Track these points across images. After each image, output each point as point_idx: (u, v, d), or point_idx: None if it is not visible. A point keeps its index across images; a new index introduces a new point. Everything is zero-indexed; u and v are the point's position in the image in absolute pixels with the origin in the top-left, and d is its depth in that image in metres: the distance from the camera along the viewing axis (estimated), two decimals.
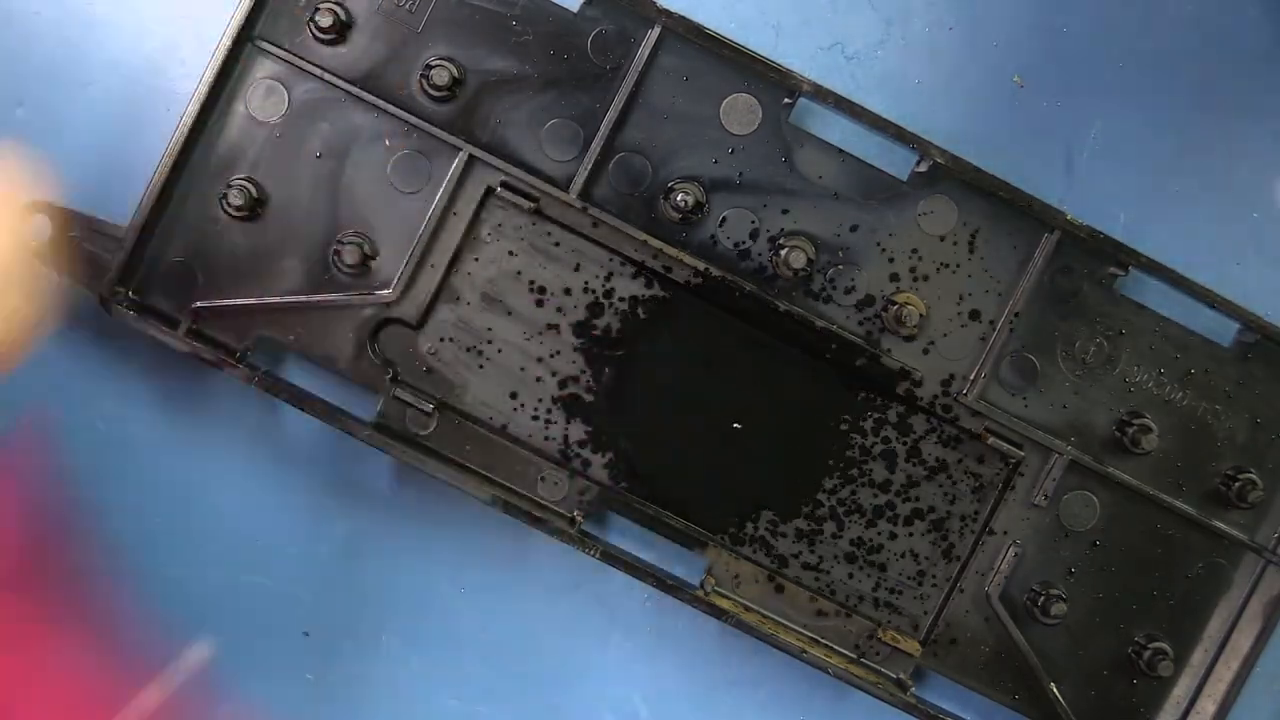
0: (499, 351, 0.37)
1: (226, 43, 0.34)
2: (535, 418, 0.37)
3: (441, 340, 0.36)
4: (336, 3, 0.35)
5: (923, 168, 0.36)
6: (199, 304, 0.35)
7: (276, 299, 0.35)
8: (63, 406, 0.38)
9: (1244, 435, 0.38)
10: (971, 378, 0.37)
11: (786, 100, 0.36)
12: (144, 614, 0.39)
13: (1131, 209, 0.37)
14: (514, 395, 0.37)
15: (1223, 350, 0.38)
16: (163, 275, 0.35)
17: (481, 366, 0.36)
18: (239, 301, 0.35)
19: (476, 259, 0.36)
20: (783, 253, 0.36)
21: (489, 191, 0.36)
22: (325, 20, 0.34)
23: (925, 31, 0.37)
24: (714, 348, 0.37)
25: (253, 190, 0.35)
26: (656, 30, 0.35)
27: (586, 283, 0.36)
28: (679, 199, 0.35)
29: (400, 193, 0.35)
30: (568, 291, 0.36)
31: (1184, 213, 0.40)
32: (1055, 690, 0.38)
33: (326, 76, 0.35)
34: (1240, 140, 0.40)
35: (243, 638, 0.39)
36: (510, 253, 0.36)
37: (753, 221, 0.36)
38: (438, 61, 0.35)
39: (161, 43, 0.37)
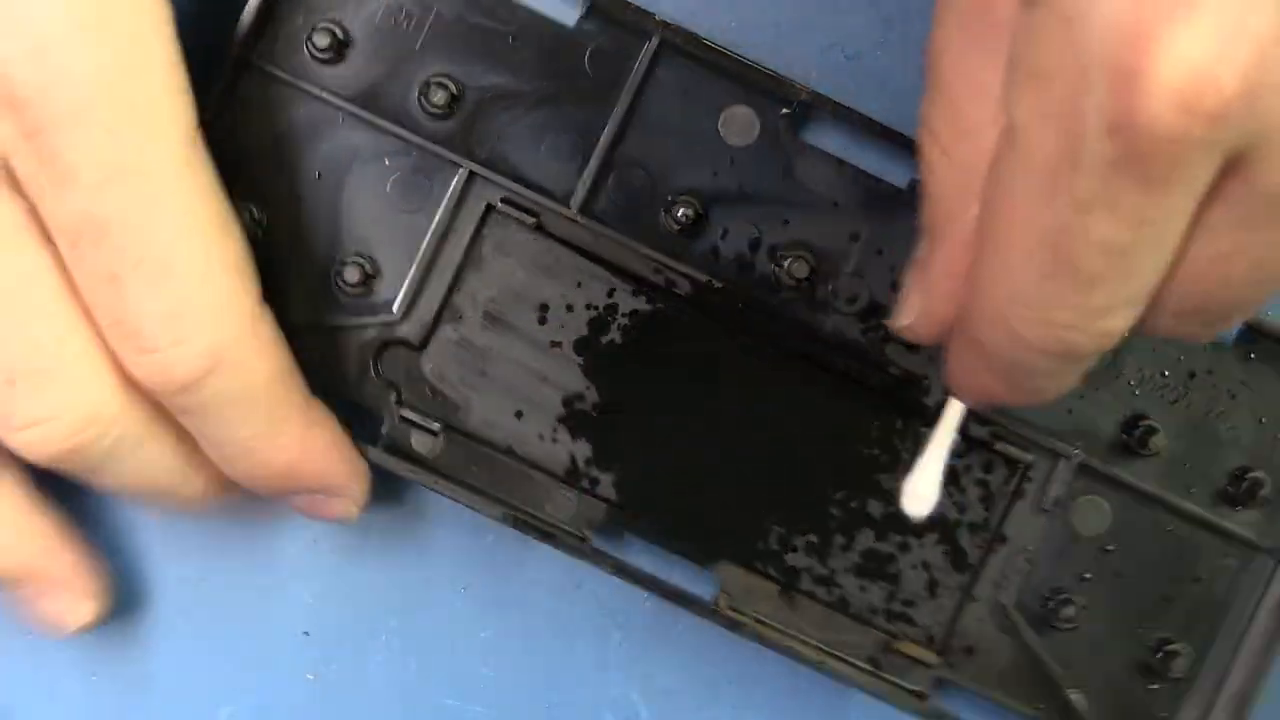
0: (502, 370, 0.36)
1: (226, 66, 0.34)
2: (541, 436, 0.36)
3: (445, 360, 0.36)
4: (334, 22, 0.34)
5: None
6: None
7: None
8: None
9: (1250, 436, 0.38)
10: None
11: (785, 111, 0.36)
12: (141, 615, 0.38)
13: None
14: (519, 415, 0.36)
15: (1225, 351, 0.38)
16: None
17: (485, 386, 0.36)
18: None
19: (478, 277, 0.36)
20: (785, 264, 0.36)
21: (489, 208, 0.35)
22: (323, 40, 0.34)
23: (925, 31, 0.38)
24: (717, 361, 0.37)
25: (254, 211, 0.34)
26: (654, 43, 0.35)
27: (589, 299, 0.36)
28: (679, 213, 0.35)
29: (401, 211, 0.35)
30: (570, 308, 0.36)
31: None
32: (1073, 697, 0.37)
33: (325, 96, 0.35)
34: None
35: (242, 637, 0.38)
36: (511, 270, 0.36)
37: (754, 233, 0.36)
38: (436, 79, 0.35)
39: None
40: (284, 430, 0.31)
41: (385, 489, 0.38)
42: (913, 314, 0.29)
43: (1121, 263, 0.22)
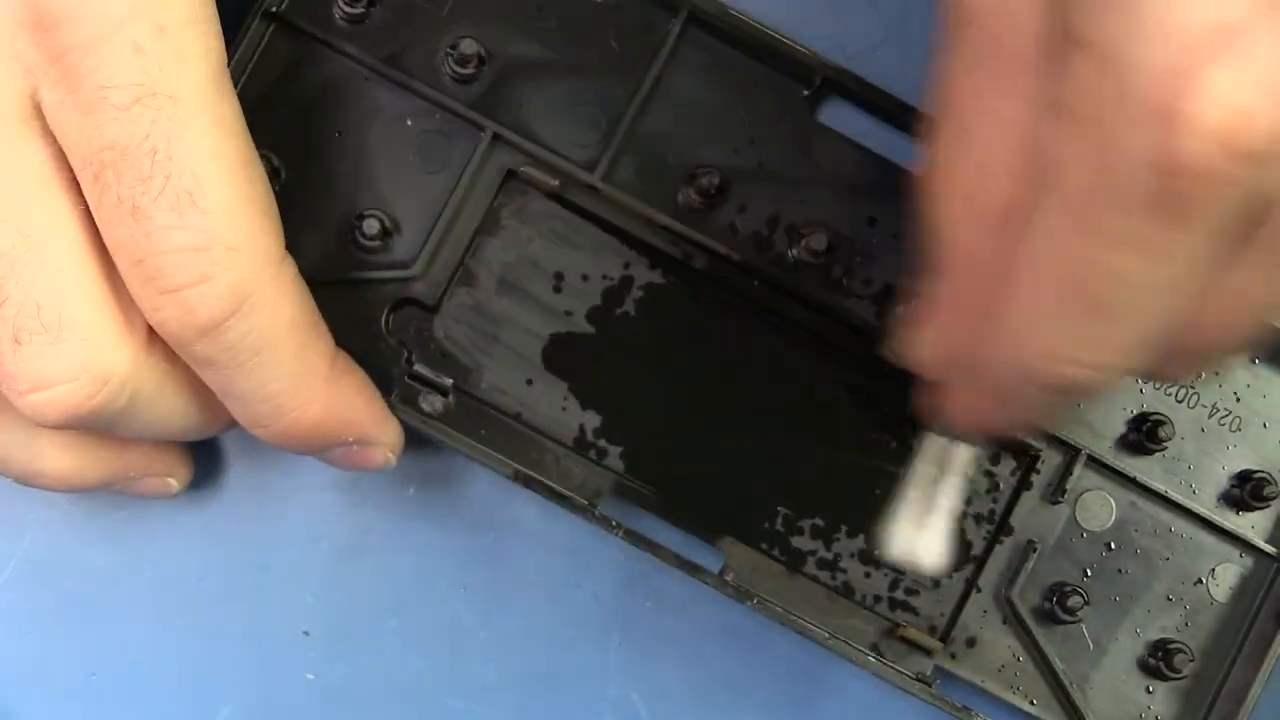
0: (515, 337, 0.36)
1: (253, 18, 0.34)
2: (551, 405, 0.36)
3: (457, 324, 0.36)
4: None
5: None
6: None
7: None
8: None
9: (1254, 438, 0.38)
10: None
11: (806, 92, 0.36)
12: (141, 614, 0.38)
13: None
14: (529, 382, 0.36)
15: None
16: None
17: (497, 352, 0.36)
18: None
19: (495, 242, 0.36)
20: (801, 243, 0.36)
21: (509, 174, 0.35)
22: None
23: (925, 31, 0.38)
24: (730, 338, 0.37)
25: (273, 160, 0.34)
26: (682, 17, 0.35)
27: (604, 270, 0.36)
28: (701, 183, 0.35)
29: (421, 173, 0.35)
30: (585, 278, 0.36)
31: None
32: (1073, 693, 0.37)
33: (350, 52, 0.35)
34: None
35: (242, 637, 0.38)
36: (529, 237, 0.36)
37: (771, 211, 0.36)
38: (462, 42, 0.35)
39: None
40: (311, 382, 0.31)
41: (387, 489, 0.38)
42: (927, 347, 0.30)
43: (1143, 300, 0.23)
